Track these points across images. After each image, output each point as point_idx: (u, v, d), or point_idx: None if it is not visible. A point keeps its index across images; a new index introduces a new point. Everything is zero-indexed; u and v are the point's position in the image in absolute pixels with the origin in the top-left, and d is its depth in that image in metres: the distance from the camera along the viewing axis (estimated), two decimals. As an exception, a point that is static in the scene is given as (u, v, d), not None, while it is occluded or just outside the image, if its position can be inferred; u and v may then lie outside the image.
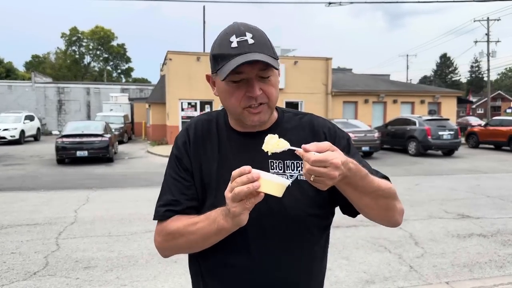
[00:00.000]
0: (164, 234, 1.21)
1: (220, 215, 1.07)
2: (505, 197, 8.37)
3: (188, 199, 1.22)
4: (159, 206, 1.25)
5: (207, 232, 1.11)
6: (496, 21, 33.59)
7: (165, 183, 1.27)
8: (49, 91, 33.05)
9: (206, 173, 1.23)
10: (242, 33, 1.13)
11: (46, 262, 4.68)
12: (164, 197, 1.25)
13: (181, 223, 1.17)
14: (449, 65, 76.16)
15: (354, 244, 5.31)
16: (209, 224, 1.10)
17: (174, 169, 1.26)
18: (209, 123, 1.31)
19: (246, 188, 0.97)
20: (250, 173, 0.98)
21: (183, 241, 1.17)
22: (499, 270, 4.49)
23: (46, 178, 11.01)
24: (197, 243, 1.17)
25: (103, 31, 58.75)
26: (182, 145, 1.28)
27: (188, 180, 1.24)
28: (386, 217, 1.23)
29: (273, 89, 1.18)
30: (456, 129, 17.37)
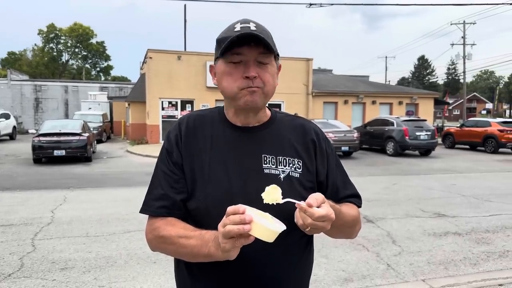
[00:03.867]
0: (155, 235, 1.21)
1: (212, 241, 1.07)
2: (479, 196, 8.58)
3: (177, 193, 1.22)
4: (149, 199, 1.26)
5: (197, 252, 1.12)
6: (472, 24, 34.35)
7: (155, 177, 1.28)
8: (26, 88, 32.32)
9: (198, 165, 1.24)
10: (246, 22, 1.22)
11: (22, 263, 4.59)
12: (155, 191, 1.25)
13: (174, 232, 1.16)
14: (426, 67, 77.58)
15: (333, 242, 5.36)
16: (201, 245, 1.10)
17: (164, 163, 1.27)
18: (202, 118, 1.33)
19: (237, 229, 0.96)
20: (243, 214, 0.97)
21: (172, 249, 1.19)
22: (473, 268, 4.61)
23: (22, 177, 10.77)
24: (185, 256, 1.19)
25: (82, 28, 57.72)
26: (174, 139, 1.28)
27: (177, 174, 1.24)
28: (343, 237, 1.44)
29: (270, 76, 1.23)
30: (433, 129, 17.73)
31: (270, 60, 1.23)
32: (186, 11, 22.93)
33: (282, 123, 1.34)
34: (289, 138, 1.31)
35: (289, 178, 1.25)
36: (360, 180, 10.79)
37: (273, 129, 1.31)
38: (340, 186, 1.37)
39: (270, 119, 1.34)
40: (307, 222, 1.03)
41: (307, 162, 1.29)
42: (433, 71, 77.41)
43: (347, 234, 1.41)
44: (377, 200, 8.08)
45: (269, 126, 1.31)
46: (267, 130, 1.30)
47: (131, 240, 5.39)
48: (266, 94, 1.23)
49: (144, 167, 12.76)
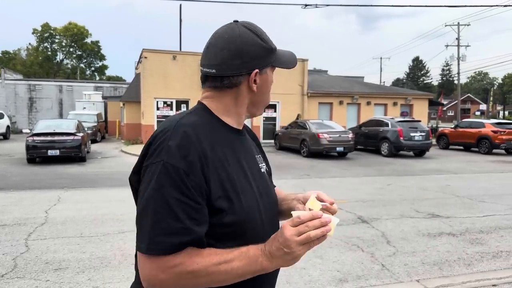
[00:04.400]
0: (178, 272, 1.02)
1: (262, 256, 1.03)
2: (473, 196, 8.63)
3: (198, 224, 1.04)
4: (155, 235, 1.02)
5: (243, 272, 1.04)
6: (466, 26, 34.57)
7: (162, 206, 1.02)
8: (20, 88, 32.12)
9: (226, 179, 1.12)
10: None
11: (15, 264, 4.55)
12: (165, 225, 1.01)
13: (209, 261, 1.03)
14: (421, 68, 77.97)
15: (328, 243, 5.36)
16: (248, 264, 1.03)
17: (179, 188, 1.02)
18: (204, 125, 1.16)
19: (321, 232, 1.01)
20: (323, 218, 1.02)
21: (206, 281, 1.04)
22: (467, 268, 4.63)
23: (15, 177, 10.69)
24: (223, 282, 1.06)
25: (77, 27, 57.48)
26: (195, 156, 1.06)
27: (199, 201, 1.05)
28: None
29: None
30: (427, 130, 17.81)
31: None
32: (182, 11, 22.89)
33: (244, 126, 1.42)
34: (252, 138, 1.40)
35: (266, 172, 1.35)
36: (355, 181, 10.81)
37: (247, 131, 1.39)
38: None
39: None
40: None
41: (263, 157, 1.41)
42: (428, 72, 77.83)
43: None
44: (372, 201, 8.10)
45: (244, 129, 1.37)
46: (245, 132, 1.36)
47: (125, 240, 5.37)
48: None
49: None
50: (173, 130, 1.10)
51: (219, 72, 1.17)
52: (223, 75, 1.17)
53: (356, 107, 25.51)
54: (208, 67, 1.18)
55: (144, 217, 1.04)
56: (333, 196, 1.18)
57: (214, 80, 1.19)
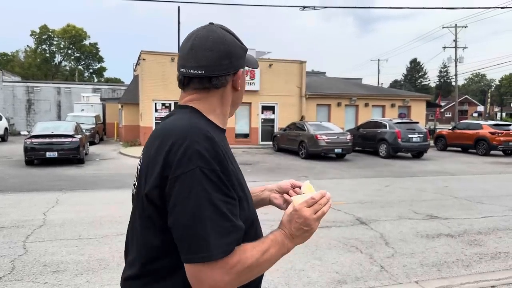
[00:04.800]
0: (238, 271, 1.04)
1: (286, 238, 1.17)
2: (471, 198, 8.64)
3: (240, 219, 1.09)
4: (216, 239, 1.01)
5: (277, 258, 1.16)
6: (463, 28, 34.65)
7: (212, 210, 1.02)
8: (18, 90, 32.08)
9: (235, 177, 1.13)
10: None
11: (13, 266, 4.54)
12: (219, 228, 1.02)
13: (256, 253, 1.08)
14: (418, 70, 78.05)
15: (326, 244, 5.37)
16: (279, 249, 1.15)
17: (221, 189, 1.04)
18: (209, 126, 1.18)
19: (329, 206, 1.21)
20: (327, 194, 1.22)
21: (257, 272, 1.13)
22: (466, 269, 4.63)
23: (13, 179, 10.67)
24: (264, 270, 1.17)
25: (75, 29, 57.44)
26: (223, 157, 1.09)
27: (235, 197, 1.09)
28: None
29: None
30: (425, 132, 17.83)
31: None
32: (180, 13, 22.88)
33: None
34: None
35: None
36: (353, 182, 10.82)
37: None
38: None
39: None
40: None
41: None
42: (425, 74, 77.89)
43: None
44: (370, 202, 8.11)
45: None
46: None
47: (124, 242, 5.34)
48: None
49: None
50: (193, 134, 1.08)
51: (208, 72, 1.18)
52: (211, 76, 1.18)
53: (354, 109, 25.55)
54: (196, 69, 1.18)
55: (197, 226, 1.01)
56: (332, 197, 1.26)
57: (202, 81, 1.19)
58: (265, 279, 4.67)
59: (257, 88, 22.71)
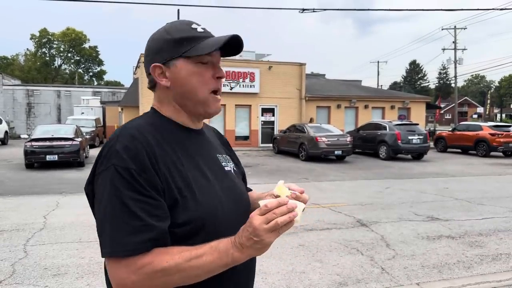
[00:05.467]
0: (148, 272, 1.01)
1: (233, 247, 1.02)
2: (472, 199, 8.64)
3: (160, 220, 1.04)
4: (122, 237, 1.01)
5: (215, 266, 1.03)
6: (462, 29, 34.73)
7: (120, 208, 1.02)
8: (18, 93, 32.09)
9: (179, 177, 1.11)
10: (197, 23, 1.21)
11: (13, 270, 4.54)
12: (126, 226, 1.01)
13: (179, 258, 1.02)
14: (418, 71, 78.16)
15: (327, 246, 5.37)
16: (219, 257, 1.02)
17: (133, 187, 1.03)
18: (153, 126, 1.17)
19: (288, 217, 0.99)
20: (289, 204, 1.01)
21: (180, 277, 1.03)
22: (467, 271, 4.63)
23: (13, 183, 10.67)
24: (196, 278, 1.05)
25: (75, 33, 57.51)
26: (142, 155, 1.06)
27: (155, 197, 1.05)
28: None
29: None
30: (425, 133, 17.84)
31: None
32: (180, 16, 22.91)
33: (205, 127, 1.40)
34: (216, 139, 1.41)
35: (234, 172, 1.34)
36: (354, 184, 10.82)
37: (207, 131, 1.37)
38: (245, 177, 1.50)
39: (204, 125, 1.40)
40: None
41: (232, 157, 1.40)
42: (425, 76, 78.01)
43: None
44: (371, 204, 8.10)
45: (206, 129, 1.37)
46: (207, 132, 1.36)
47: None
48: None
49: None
50: (119, 134, 1.10)
51: (147, 72, 1.23)
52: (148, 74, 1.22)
53: (354, 111, 25.57)
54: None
55: (105, 223, 1.03)
56: (331, 199, 1.20)
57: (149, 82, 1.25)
58: (265, 282, 4.65)
59: (257, 91, 22.74)
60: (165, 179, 1.08)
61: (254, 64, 23.33)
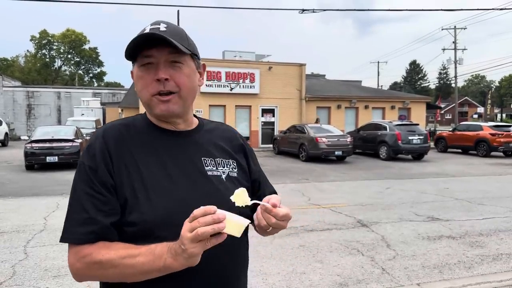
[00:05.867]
0: (87, 262, 1.06)
1: (167, 253, 0.99)
2: (472, 199, 8.63)
3: (106, 216, 1.09)
4: (70, 226, 1.10)
5: (148, 269, 1.02)
6: (462, 29, 34.74)
7: (75, 200, 1.11)
8: (18, 95, 32.13)
9: (136, 178, 1.13)
10: (157, 23, 1.18)
11: (14, 271, 4.53)
12: (77, 216, 1.09)
13: (114, 254, 1.04)
14: (418, 71, 78.13)
15: (328, 247, 5.36)
16: (153, 260, 1.01)
17: (87, 183, 1.11)
18: (127, 126, 1.22)
19: (211, 229, 0.93)
20: (216, 214, 0.94)
21: (114, 273, 1.05)
22: (468, 271, 4.62)
23: (14, 184, 10.67)
24: (132, 277, 1.06)
25: (75, 34, 57.55)
26: (99, 154, 1.13)
27: (105, 194, 1.10)
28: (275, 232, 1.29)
29: (185, 78, 1.18)
30: (425, 133, 17.83)
31: (184, 60, 1.18)
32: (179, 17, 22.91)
33: (210, 129, 1.36)
34: (219, 141, 1.33)
35: (230, 178, 1.26)
36: (354, 185, 10.81)
37: (203, 133, 1.31)
38: (265, 184, 1.44)
39: (199, 124, 1.34)
40: (272, 222, 1.07)
41: (240, 162, 1.33)
42: (425, 76, 77.98)
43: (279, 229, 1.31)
44: (371, 204, 8.10)
45: (199, 131, 1.31)
46: (198, 134, 1.30)
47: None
48: (184, 98, 1.20)
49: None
50: (94, 133, 1.22)
51: None
52: None
53: (354, 111, 25.56)
54: None
55: (67, 210, 1.13)
56: (332, 200, 1.17)
57: None
58: (266, 282, 4.64)
59: (257, 91, 22.73)
60: (119, 178, 1.12)
61: (254, 64, 23.33)
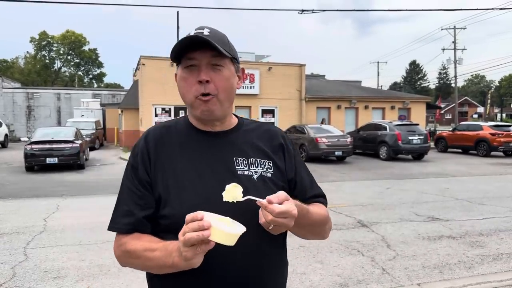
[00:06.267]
0: (122, 250, 1.21)
1: (176, 251, 1.05)
2: (472, 199, 8.63)
3: (141, 209, 1.21)
4: (116, 217, 1.24)
5: (162, 264, 1.10)
6: (462, 29, 34.73)
7: (121, 194, 1.27)
8: (18, 96, 32.13)
9: (170, 175, 1.22)
10: (201, 28, 1.24)
11: (13, 273, 4.53)
12: (120, 208, 1.24)
13: (140, 245, 1.15)
14: (418, 71, 78.14)
15: (328, 247, 5.36)
16: (165, 256, 1.08)
17: (129, 179, 1.25)
18: (168, 127, 1.33)
19: (196, 235, 0.95)
20: (201, 221, 0.96)
21: (139, 263, 1.17)
22: (468, 271, 4.62)
23: (14, 186, 10.66)
24: (152, 269, 1.18)
25: (74, 35, 57.60)
26: (140, 154, 1.27)
27: (141, 190, 1.22)
28: (316, 237, 1.47)
29: (224, 80, 1.23)
30: (425, 134, 17.83)
31: (225, 63, 1.23)
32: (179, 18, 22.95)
33: (249, 128, 1.37)
34: (257, 141, 1.33)
35: (262, 178, 1.27)
36: (354, 185, 10.81)
37: (240, 133, 1.33)
38: (307, 186, 1.41)
39: (238, 124, 1.36)
40: (268, 218, 1.04)
41: (277, 162, 1.33)
42: (425, 76, 77.99)
43: (319, 234, 1.42)
44: (371, 205, 8.09)
45: (237, 131, 1.33)
46: (235, 134, 1.32)
47: (124, 247, 5.33)
48: (222, 101, 1.24)
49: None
50: (142, 135, 1.34)
51: None
52: None
53: (354, 111, 25.56)
54: None
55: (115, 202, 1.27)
56: (332, 200, 1.16)
57: None
58: (266, 283, 4.60)
59: (256, 92, 22.73)
60: (155, 176, 1.23)
61: (253, 65, 23.32)
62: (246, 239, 1.05)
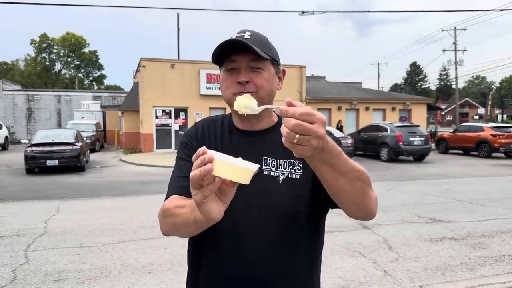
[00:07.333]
0: (161, 210, 1.22)
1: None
2: (474, 201, 8.60)
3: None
4: (172, 182, 1.30)
5: (187, 219, 1.09)
6: (462, 30, 34.75)
7: (175, 168, 1.35)
8: (18, 98, 32.16)
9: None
10: (242, 32, 1.27)
11: (14, 275, 4.51)
12: (174, 175, 1.31)
13: (173, 204, 1.18)
14: (418, 73, 78.18)
15: (329, 249, 5.33)
16: (190, 211, 1.07)
17: (184, 153, 1.35)
18: (215, 122, 1.43)
19: (199, 171, 0.88)
20: (203, 155, 0.89)
21: (170, 222, 1.17)
22: (470, 273, 4.60)
23: (14, 188, 10.65)
24: (180, 227, 1.14)
25: (74, 37, 57.68)
26: (193, 135, 1.40)
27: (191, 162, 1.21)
28: (363, 204, 1.18)
29: (264, 81, 1.26)
30: (426, 135, 17.80)
31: (264, 65, 1.26)
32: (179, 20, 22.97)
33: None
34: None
35: (288, 179, 1.27)
36: (355, 186, 10.78)
37: (275, 133, 1.27)
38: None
39: (275, 124, 1.36)
40: (291, 124, 0.91)
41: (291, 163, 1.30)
42: (425, 77, 78.03)
43: (363, 197, 1.17)
44: (373, 206, 8.06)
45: (272, 131, 1.33)
46: (270, 134, 1.33)
47: (125, 250, 5.32)
48: (260, 99, 1.24)
49: (138, 176, 12.68)
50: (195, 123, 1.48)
51: None
52: None
53: (355, 113, 25.55)
54: None
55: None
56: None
57: None
58: (268, 286, 4.56)
59: (257, 94, 22.74)
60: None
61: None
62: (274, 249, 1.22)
